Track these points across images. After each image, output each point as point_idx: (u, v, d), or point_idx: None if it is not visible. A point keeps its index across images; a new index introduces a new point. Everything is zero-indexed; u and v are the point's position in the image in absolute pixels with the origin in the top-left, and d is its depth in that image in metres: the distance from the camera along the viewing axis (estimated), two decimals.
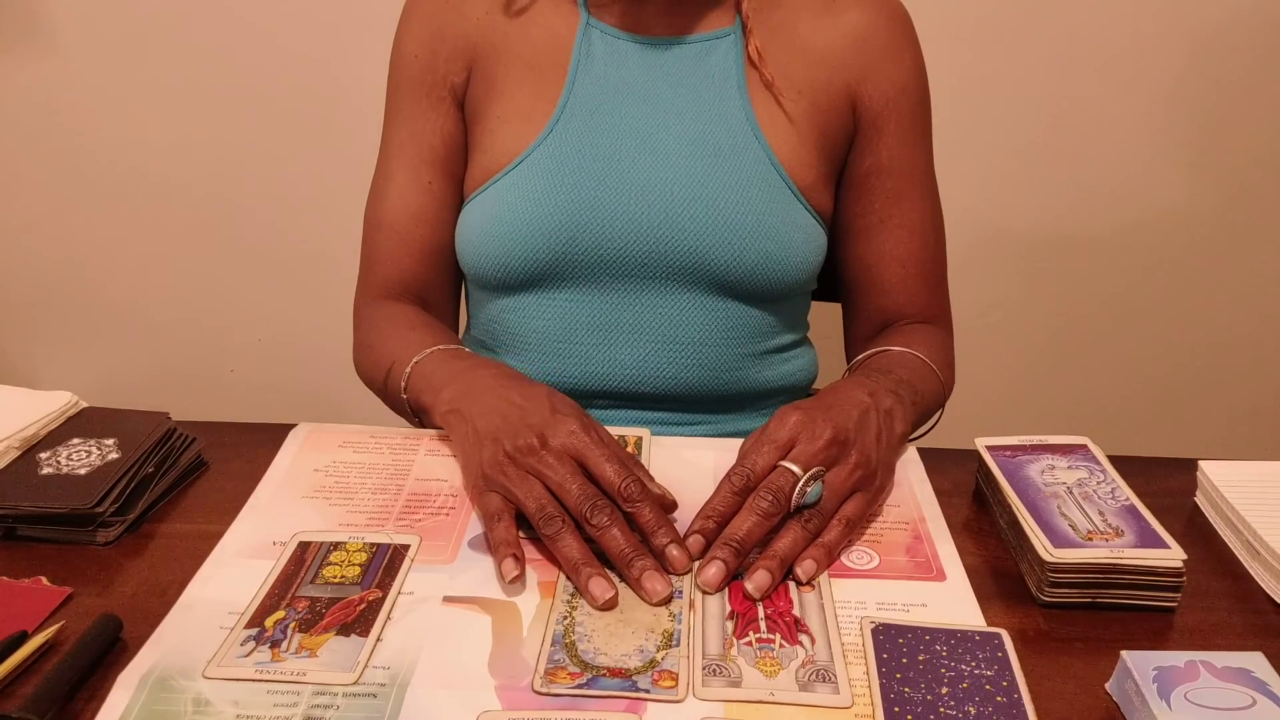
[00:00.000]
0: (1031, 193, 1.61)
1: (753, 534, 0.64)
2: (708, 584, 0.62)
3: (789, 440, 0.67)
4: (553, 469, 0.65)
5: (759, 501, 0.64)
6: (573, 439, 0.67)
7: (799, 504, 0.65)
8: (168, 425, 0.76)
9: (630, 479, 0.65)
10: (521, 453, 0.67)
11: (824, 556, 0.64)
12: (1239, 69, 1.52)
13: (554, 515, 0.64)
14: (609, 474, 0.65)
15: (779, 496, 0.64)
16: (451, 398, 0.75)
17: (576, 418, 0.68)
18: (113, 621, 0.58)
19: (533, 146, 0.85)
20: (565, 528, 0.63)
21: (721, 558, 0.63)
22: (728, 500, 0.66)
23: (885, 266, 0.92)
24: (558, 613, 0.60)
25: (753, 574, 0.62)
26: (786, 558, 0.63)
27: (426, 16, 0.91)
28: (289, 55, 1.56)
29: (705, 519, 0.66)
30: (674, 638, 0.58)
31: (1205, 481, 0.73)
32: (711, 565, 0.62)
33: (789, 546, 0.64)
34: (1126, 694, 0.54)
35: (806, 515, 0.65)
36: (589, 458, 0.66)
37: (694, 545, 0.65)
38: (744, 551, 0.63)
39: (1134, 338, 1.71)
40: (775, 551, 0.63)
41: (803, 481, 0.65)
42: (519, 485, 0.66)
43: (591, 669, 0.55)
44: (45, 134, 1.62)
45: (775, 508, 0.64)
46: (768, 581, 0.62)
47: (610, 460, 0.66)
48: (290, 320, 1.74)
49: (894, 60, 0.89)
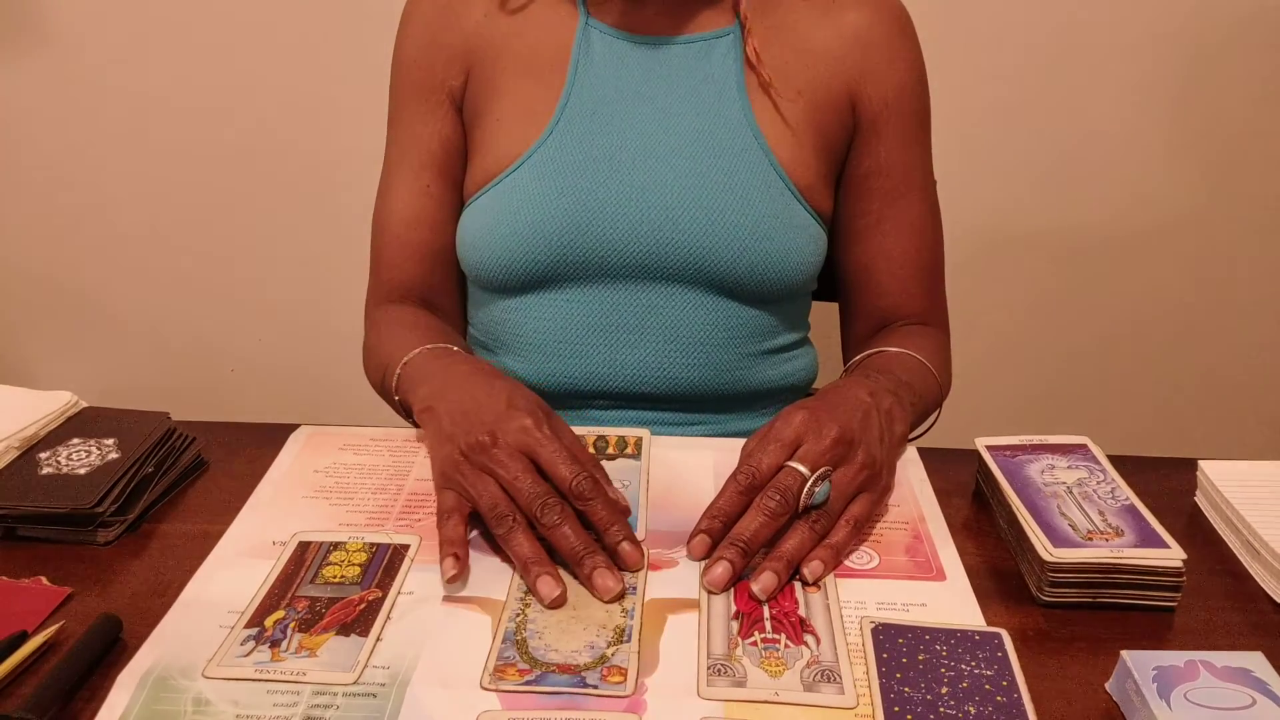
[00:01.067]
0: (1032, 193, 1.61)
1: (760, 534, 0.63)
2: (714, 584, 0.62)
3: (795, 439, 0.67)
4: (504, 466, 0.65)
5: (766, 501, 0.64)
6: (523, 435, 0.66)
7: (807, 504, 0.64)
8: (168, 425, 0.76)
9: (582, 476, 0.64)
10: (474, 450, 0.66)
11: (831, 558, 0.64)
12: (1248, 72, 1.52)
13: (505, 514, 0.64)
14: (561, 472, 0.65)
15: (787, 496, 0.64)
16: (426, 395, 0.76)
17: (530, 414, 0.68)
18: (113, 621, 0.58)
19: (533, 148, 0.85)
20: (517, 526, 0.64)
21: (728, 558, 0.62)
22: (734, 500, 0.65)
23: (883, 267, 0.92)
24: (510, 610, 0.60)
25: (759, 576, 0.62)
26: (793, 559, 0.63)
27: (424, 21, 0.91)
28: (289, 56, 1.56)
29: (711, 519, 0.65)
30: (625, 633, 0.58)
31: (1205, 481, 0.73)
32: (718, 565, 0.62)
33: (796, 548, 0.63)
34: (1126, 694, 0.54)
35: (814, 516, 0.65)
36: (540, 455, 0.66)
37: (699, 545, 0.65)
38: (751, 552, 0.63)
39: (1134, 337, 1.71)
40: (782, 553, 0.63)
41: (810, 482, 0.64)
42: (473, 484, 0.66)
43: (541, 665, 0.56)
44: (45, 134, 1.62)
45: (783, 508, 0.64)
46: (774, 584, 0.62)
47: (562, 458, 0.65)
48: (290, 321, 1.74)
49: (894, 61, 0.89)
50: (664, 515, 0.70)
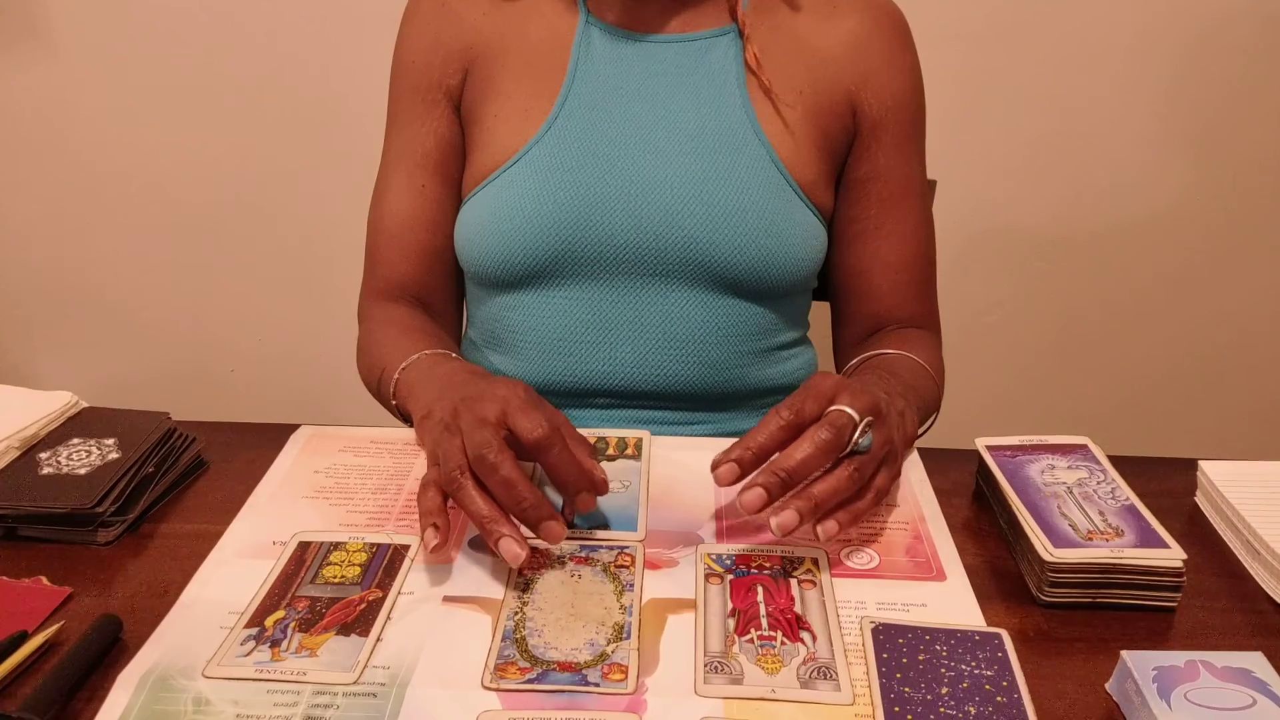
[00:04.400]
0: (1032, 192, 1.61)
1: (806, 465, 0.60)
2: (747, 507, 0.59)
3: (833, 393, 0.64)
4: (466, 423, 0.63)
5: (821, 433, 0.61)
6: (500, 401, 0.64)
7: (852, 449, 0.62)
8: (168, 425, 0.76)
9: (539, 425, 0.61)
10: (452, 417, 0.65)
11: (849, 520, 0.63)
12: (1237, 67, 1.52)
13: (454, 469, 0.61)
14: (520, 422, 0.62)
15: (841, 434, 0.61)
16: (426, 403, 0.75)
17: (512, 387, 0.66)
18: (113, 621, 0.58)
19: (531, 143, 0.86)
20: (466, 480, 0.61)
21: (766, 485, 0.59)
22: (775, 435, 0.62)
23: (879, 271, 0.92)
24: (509, 608, 0.60)
25: (781, 510, 0.59)
26: (823, 503, 0.61)
27: (424, 21, 0.91)
28: (288, 58, 1.56)
29: (745, 449, 0.62)
30: (624, 630, 0.58)
31: (1205, 481, 0.73)
32: (754, 490, 0.59)
33: (830, 491, 0.61)
34: (1126, 694, 0.54)
35: (857, 462, 0.62)
36: (509, 411, 0.63)
37: (728, 472, 0.61)
38: (793, 483, 0.60)
39: (1134, 337, 1.71)
40: (813, 493, 0.60)
41: (861, 427, 0.62)
42: (443, 447, 0.64)
43: (541, 664, 0.56)
44: (45, 135, 1.62)
45: (836, 443, 0.61)
46: (794, 521, 0.59)
47: (526, 410, 0.63)
48: (290, 321, 1.74)
49: (893, 69, 0.89)
50: (664, 515, 0.70)
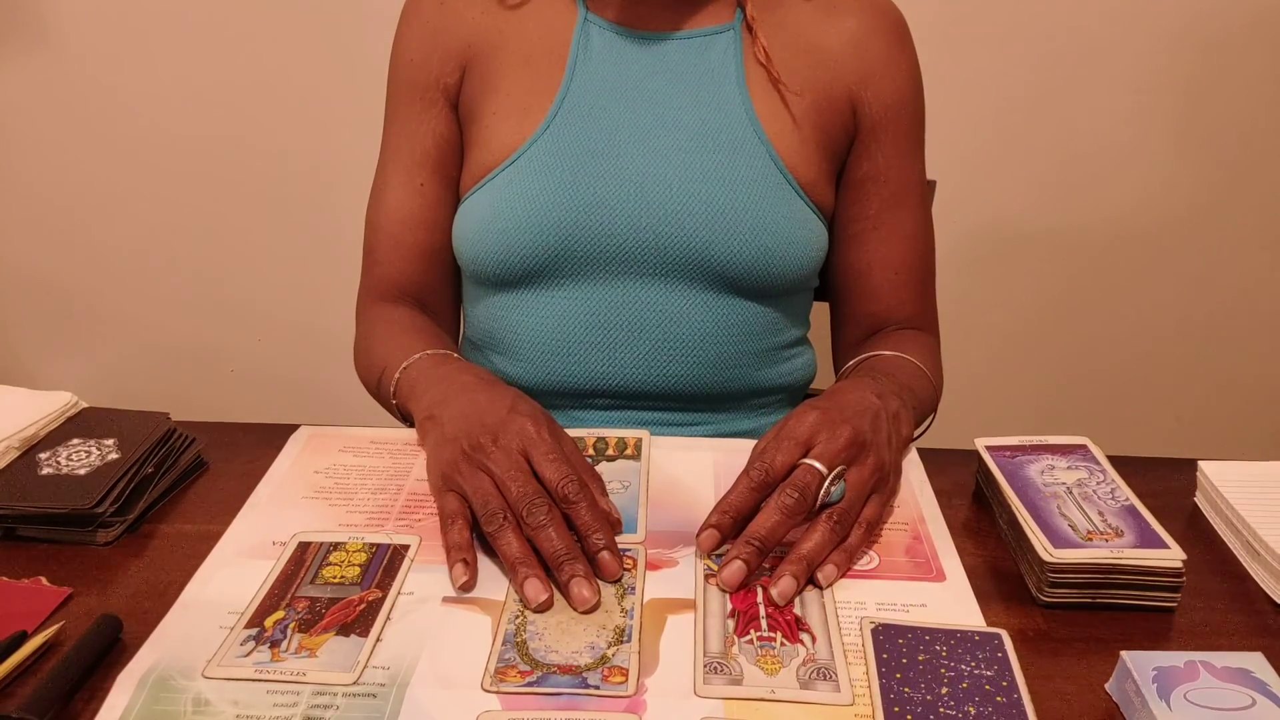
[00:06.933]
0: (1032, 193, 1.61)
1: (776, 531, 0.63)
2: (728, 584, 0.61)
3: (808, 439, 0.66)
4: (499, 465, 0.65)
5: (784, 499, 0.63)
6: (522, 437, 0.66)
7: (823, 503, 0.64)
8: (168, 425, 0.76)
9: (569, 479, 0.64)
10: (475, 450, 0.66)
11: (845, 561, 0.64)
12: (1234, 65, 1.51)
13: (496, 512, 0.63)
14: (549, 472, 0.64)
15: (805, 494, 0.63)
16: (429, 404, 0.75)
17: (532, 418, 0.68)
18: (112, 622, 0.58)
19: (529, 142, 0.85)
20: (506, 525, 0.63)
21: (743, 556, 0.62)
22: (746, 496, 0.65)
23: (878, 272, 0.92)
24: (510, 612, 0.60)
25: (778, 580, 0.61)
26: (813, 560, 0.62)
27: (423, 20, 0.91)
28: (288, 56, 1.56)
29: (721, 514, 0.64)
30: (625, 633, 0.58)
31: (1205, 481, 0.73)
32: (733, 564, 0.62)
33: (816, 548, 0.62)
34: (1126, 694, 0.54)
35: (835, 515, 0.64)
36: (535, 455, 0.65)
37: (709, 539, 0.64)
38: (766, 550, 0.62)
39: (1135, 338, 1.71)
40: (802, 554, 0.62)
41: (828, 480, 0.64)
42: (470, 481, 0.66)
43: (542, 667, 0.56)
44: (45, 134, 1.62)
45: (801, 505, 0.63)
46: (793, 588, 0.61)
47: (553, 459, 0.65)
48: (290, 321, 1.74)
49: (893, 70, 0.89)
50: (664, 515, 0.70)
